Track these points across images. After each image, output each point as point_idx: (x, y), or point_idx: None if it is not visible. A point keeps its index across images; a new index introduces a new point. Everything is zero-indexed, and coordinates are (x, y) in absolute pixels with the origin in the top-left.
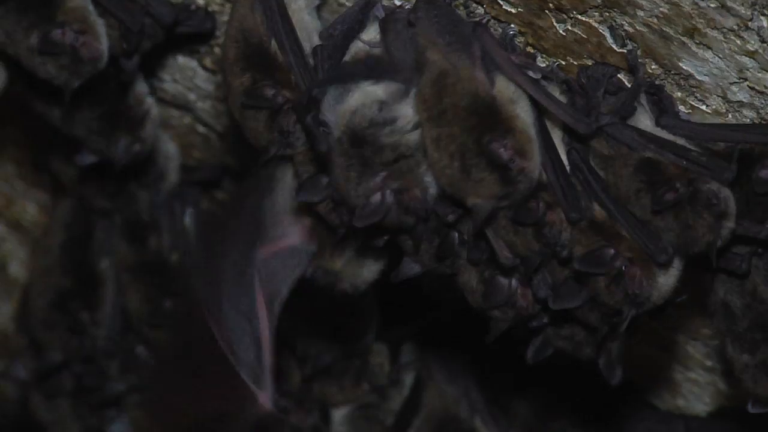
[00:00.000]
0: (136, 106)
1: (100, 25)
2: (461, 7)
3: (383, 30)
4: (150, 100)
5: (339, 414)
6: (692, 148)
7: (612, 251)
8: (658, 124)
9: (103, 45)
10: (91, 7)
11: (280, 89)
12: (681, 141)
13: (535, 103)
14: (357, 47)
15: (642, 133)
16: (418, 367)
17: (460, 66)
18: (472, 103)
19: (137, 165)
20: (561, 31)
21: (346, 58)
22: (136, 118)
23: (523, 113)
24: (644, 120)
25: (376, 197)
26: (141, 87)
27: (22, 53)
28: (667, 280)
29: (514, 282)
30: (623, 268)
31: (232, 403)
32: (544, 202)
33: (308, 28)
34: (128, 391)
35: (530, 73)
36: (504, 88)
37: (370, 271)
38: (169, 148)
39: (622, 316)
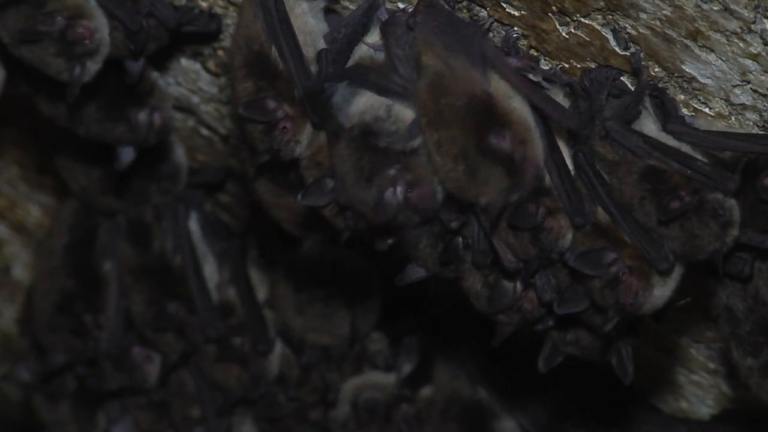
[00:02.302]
0: (139, 84)
1: (98, 11)
2: (464, 10)
3: (384, 34)
4: (155, 75)
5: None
6: (697, 156)
7: (613, 255)
8: (664, 129)
9: (97, 24)
10: (92, 2)
11: (281, 103)
12: (686, 147)
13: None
14: (361, 51)
15: (647, 139)
16: (417, 359)
17: (457, 66)
18: (469, 102)
19: (151, 161)
20: (564, 34)
21: (351, 61)
22: (142, 91)
23: (520, 106)
24: (649, 124)
25: (389, 193)
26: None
27: (24, 53)
28: (663, 292)
29: (519, 286)
30: (621, 275)
31: None
32: (545, 207)
33: (313, 31)
34: (121, 391)
35: (530, 76)
36: (500, 83)
37: None
38: (179, 150)
39: (608, 316)
